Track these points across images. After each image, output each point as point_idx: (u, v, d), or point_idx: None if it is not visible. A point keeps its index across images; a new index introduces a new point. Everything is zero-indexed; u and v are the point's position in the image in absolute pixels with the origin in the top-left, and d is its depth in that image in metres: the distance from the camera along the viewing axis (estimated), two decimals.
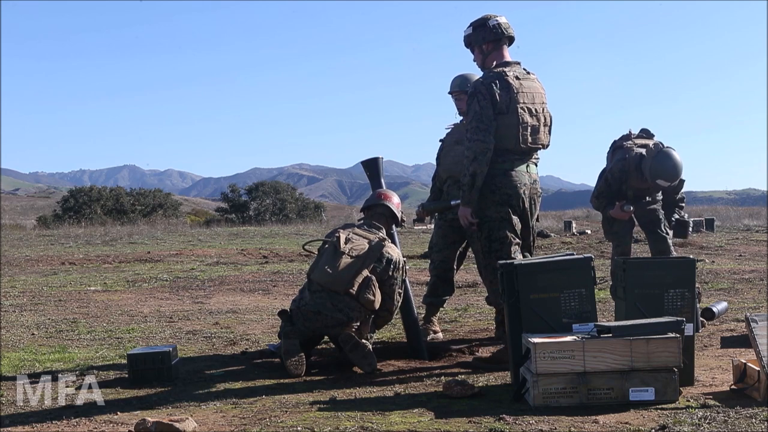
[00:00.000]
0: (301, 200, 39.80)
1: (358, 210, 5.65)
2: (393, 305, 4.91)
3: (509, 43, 4.83)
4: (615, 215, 6.02)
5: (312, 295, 4.80)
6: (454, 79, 5.73)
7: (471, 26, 4.83)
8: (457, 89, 5.67)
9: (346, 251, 4.82)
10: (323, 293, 4.78)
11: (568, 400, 3.65)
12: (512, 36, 4.81)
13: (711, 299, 6.99)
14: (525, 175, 4.70)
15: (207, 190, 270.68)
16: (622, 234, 6.11)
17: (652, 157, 5.75)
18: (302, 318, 4.78)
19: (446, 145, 5.78)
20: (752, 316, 3.80)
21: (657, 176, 5.75)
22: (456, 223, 5.63)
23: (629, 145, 6.03)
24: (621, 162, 5.97)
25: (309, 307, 4.77)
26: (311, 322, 4.78)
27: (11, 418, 3.75)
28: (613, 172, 6.01)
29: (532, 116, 4.67)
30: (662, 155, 5.75)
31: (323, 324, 4.77)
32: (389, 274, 4.85)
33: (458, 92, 5.67)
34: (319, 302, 4.77)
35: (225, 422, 3.57)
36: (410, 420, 3.51)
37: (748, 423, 3.31)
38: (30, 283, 9.83)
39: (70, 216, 30.55)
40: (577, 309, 4.04)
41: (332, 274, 4.76)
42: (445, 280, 5.75)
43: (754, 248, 13.02)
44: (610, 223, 6.16)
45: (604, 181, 6.07)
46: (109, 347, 5.61)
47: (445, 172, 5.75)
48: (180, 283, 9.59)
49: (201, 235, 18.96)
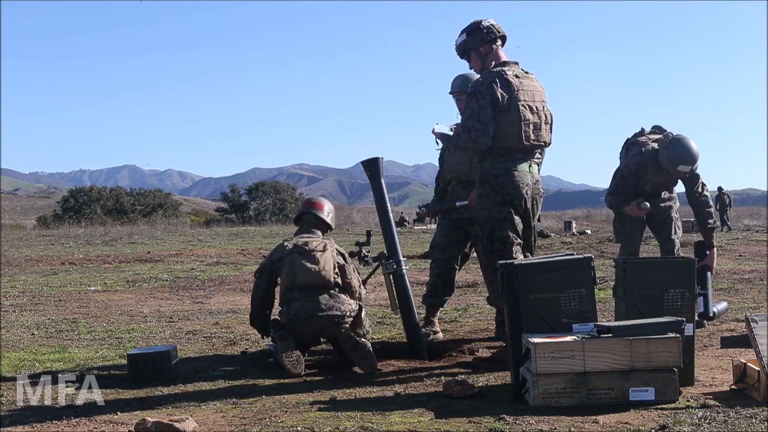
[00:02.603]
0: (301, 200, 39.85)
1: (358, 210, 5.66)
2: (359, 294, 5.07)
3: (503, 42, 4.86)
4: (631, 212, 5.97)
5: (300, 302, 4.80)
6: (455, 78, 5.73)
7: (464, 33, 4.85)
8: (458, 89, 5.67)
9: (312, 248, 4.92)
10: (311, 294, 4.80)
11: (568, 400, 3.65)
12: (504, 35, 4.86)
13: (711, 299, 6.99)
14: (527, 175, 4.70)
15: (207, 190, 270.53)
16: (632, 235, 6.07)
17: (667, 146, 5.77)
18: (297, 327, 4.78)
19: (450, 146, 5.77)
20: (752, 316, 3.79)
21: (677, 163, 5.74)
22: (460, 223, 5.64)
23: (644, 140, 6.03)
24: (637, 157, 5.95)
25: (301, 314, 4.77)
26: (306, 328, 4.78)
27: (11, 418, 3.74)
28: (630, 167, 5.97)
29: (533, 113, 4.68)
30: (676, 141, 5.78)
31: (319, 327, 4.78)
32: (347, 262, 5.03)
33: (459, 92, 5.66)
34: (310, 306, 4.77)
35: (225, 422, 3.57)
36: (410, 420, 3.51)
37: (748, 423, 3.31)
38: (30, 283, 9.84)
39: (70, 216, 30.56)
40: (577, 309, 4.04)
41: (315, 270, 4.84)
42: (446, 280, 5.73)
43: (754, 248, 13.03)
44: (621, 223, 6.12)
45: (621, 177, 6.04)
46: (109, 347, 5.61)
47: (449, 173, 5.75)
48: (180, 283, 9.60)
49: (201, 235, 18.97)
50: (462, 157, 5.56)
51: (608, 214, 25.38)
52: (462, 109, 5.64)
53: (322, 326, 4.76)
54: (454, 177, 5.67)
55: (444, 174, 5.83)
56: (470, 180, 5.51)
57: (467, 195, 5.49)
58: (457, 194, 5.58)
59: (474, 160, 5.46)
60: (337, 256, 5.00)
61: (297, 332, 4.77)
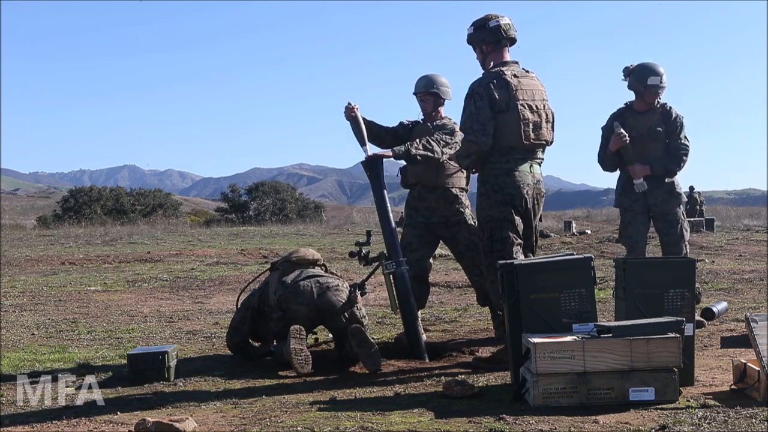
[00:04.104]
0: (301, 200, 39.81)
1: (358, 210, 5.67)
2: None
3: (510, 44, 4.82)
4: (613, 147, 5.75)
5: (298, 288, 4.85)
6: (420, 79, 5.70)
7: (472, 26, 4.84)
8: (422, 90, 5.65)
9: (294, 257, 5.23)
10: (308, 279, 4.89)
11: (568, 400, 3.65)
12: (513, 38, 4.79)
13: (711, 299, 6.99)
14: (528, 175, 4.70)
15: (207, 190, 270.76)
16: (636, 239, 5.84)
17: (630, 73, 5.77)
18: (304, 319, 4.80)
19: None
20: (752, 316, 3.80)
21: (645, 78, 5.68)
22: (432, 227, 5.60)
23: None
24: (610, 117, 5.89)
25: (310, 303, 4.81)
26: (312, 320, 4.87)
27: (11, 418, 3.75)
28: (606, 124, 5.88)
29: (533, 112, 4.67)
30: (637, 65, 5.79)
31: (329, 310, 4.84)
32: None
33: (423, 93, 5.64)
34: (308, 290, 4.82)
35: (225, 422, 3.57)
36: (410, 420, 3.51)
37: (748, 423, 3.31)
38: (30, 283, 9.84)
39: (70, 216, 30.56)
40: (577, 309, 4.04)
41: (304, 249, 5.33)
42: (420, 281, 5.55)
43: (754, 248, 13.03)
44: (625, 226, 5.95)
45: (602, 139, 5.91)
46: (109, 347, 5.61)
47: (413, 177, 5.60)
48: (180, 283, 9.60)
49: (201, 235, 18.96)
50: (428, 163, 5.38)
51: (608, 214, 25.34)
52: (426, 110, 5.66)
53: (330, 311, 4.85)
54: (419, 182, 5.56)
55: (407, 178, 5.65)
56: (436, 185, 5.49)
57: (436, 200, 5.49)
58: (426, 196, 5.51)
59: (440, 167, 5.42)
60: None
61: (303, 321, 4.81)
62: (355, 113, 5.34)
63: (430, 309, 6.89)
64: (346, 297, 4.86)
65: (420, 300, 5.56)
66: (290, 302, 4.82)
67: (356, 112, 5.34)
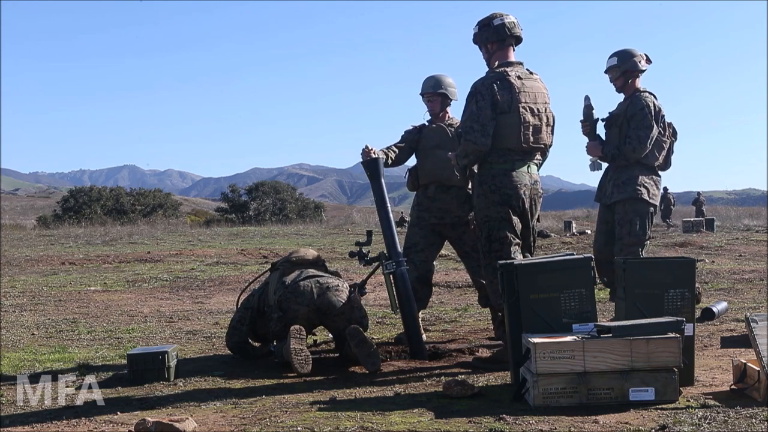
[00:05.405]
0: (301, 200, 39.82)
1: (358, 210, 5.68)
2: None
3: (516, 43, 4.81)
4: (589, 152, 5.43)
5: (298, 288, 4.85)
6: (427, 79, 5.69)
7: (477, 25, 4.83)
8: (430, 91, 5.64)
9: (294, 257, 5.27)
10: (308, 279, 4.90)
11: (568, 400, 3.65)
12: (518, 36, 4.78)
13: (711, 299, 6.99)
14: (525, 175, 4.69)
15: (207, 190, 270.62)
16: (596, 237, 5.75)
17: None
18: (304, 320, 4.80)
19: (426, 149, 5.61)
20: (752, 316, 3.80)
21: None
22: (438, 228, 5.60)
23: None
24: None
25: (310, 303, 4.81)
26: (312, 321, 4.84)
27: (11, 418, 3.75)
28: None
29: (534, 116, 4.67)
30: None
31: (329, 311, 4.84)
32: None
33: (430, 94, 5.64)
34: (308, 290, 4.82)
35: (225, 422, 3.57)
36: (410, 420, 3.51)
37: (748, 423, 3.31)
38: (30, 283, 9.84)
39: (70, 216, 30.57)
40: (577, 309, 4.04)
41: (304, 249, 5.34)
42: (424, 283, 5.55)
43: (754, 248, 13.04)
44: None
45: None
46: (109, 347, 5.61)
47: (427, 177, 5.59)
48: (180, 283, 9.60)
49: (201, 235, 18.97)
50: (440, 162, 5.37)
51: None
52: (433, 110, 5.65)
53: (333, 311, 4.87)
54: (434, 181, 5.55)
55: (421, 179, 5.61)
56: (451, 185, 5.48)
57: (450, 200, 5.47)
58: (439, 199, 5.51)
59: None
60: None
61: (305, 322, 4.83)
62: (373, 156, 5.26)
63: (430, 309, 6.89)
64: (346, 297, 4.86)
65: (422, 301, 5.57)
66: (290, 302, 4.82)
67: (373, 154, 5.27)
